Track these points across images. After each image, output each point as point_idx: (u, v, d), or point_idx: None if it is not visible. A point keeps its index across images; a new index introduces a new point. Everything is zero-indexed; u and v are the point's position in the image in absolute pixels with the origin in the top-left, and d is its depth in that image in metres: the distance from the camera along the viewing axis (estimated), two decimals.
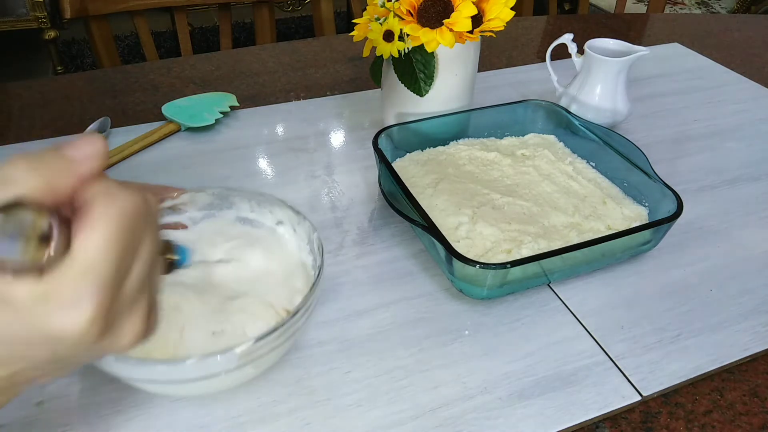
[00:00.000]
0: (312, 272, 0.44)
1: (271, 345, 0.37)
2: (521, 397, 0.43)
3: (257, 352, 0.37)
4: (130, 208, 0.25)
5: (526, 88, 0.85)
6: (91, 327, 0.23)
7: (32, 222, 0.22)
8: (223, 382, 0.39)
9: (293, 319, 0.37)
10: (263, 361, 0.39)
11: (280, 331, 0.37)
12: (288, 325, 0.37)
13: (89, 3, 0.99)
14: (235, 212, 0.48)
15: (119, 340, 0.26)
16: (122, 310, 0.25)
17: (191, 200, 0.47)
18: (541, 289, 0.52)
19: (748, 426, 0.43)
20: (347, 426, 0.41)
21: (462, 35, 0.57)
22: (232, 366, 0.36)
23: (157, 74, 0.88)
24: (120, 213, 0.24)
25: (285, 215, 0.46)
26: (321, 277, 0.40)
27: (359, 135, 0.73)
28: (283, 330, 0.37)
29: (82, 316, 0.23)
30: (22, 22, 2.04)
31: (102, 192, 0.24)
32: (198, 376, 0.36)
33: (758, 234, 0.60)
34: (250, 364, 0.37)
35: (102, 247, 0.23)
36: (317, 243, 0.43)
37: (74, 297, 0.23)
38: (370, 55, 0.64)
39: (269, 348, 0.37)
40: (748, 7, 2.27)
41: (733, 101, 0.84)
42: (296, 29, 2.90)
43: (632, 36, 1.08)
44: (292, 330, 0.38)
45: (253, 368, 0.39)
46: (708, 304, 0.51)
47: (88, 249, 0.23)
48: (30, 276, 0.22)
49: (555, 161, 0.63)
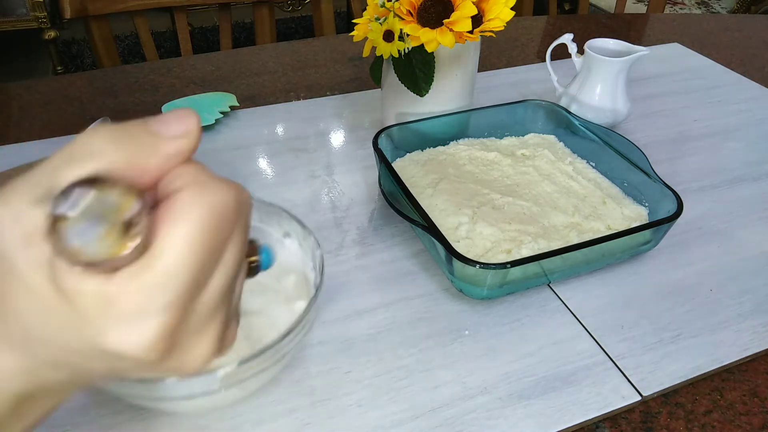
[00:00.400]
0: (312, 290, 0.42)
1: (257, 368, 0.35)
2: (521, 397, 0.43)
3: (242, 375, 0.35)
4: (223, 203, 0.21)
5: (526, 88, 0.85)
6: (154, 348, 0.20)
7: (117, 204, 0.18)
8: (207, 403, 0.38)
9: (281, 343, 0.35)
10: (250, 384, 0.37)
11: (267, 355, 0.34)
12: (276, 348, 0.35)
13: (89, 3, 0.99)
14: None
15: (186, 361, 0.22)
16: (195, 328, 0.21)
17: None
18: (541, 289, 0.52)
19: (748, 426, 0.43)
20: (347, 426, 0.41)
21: (462, 35, 0.57)
22: (213, 388, 0.34)
23: (157, 74, 0.88)
24: (211, 210, 0.20)
25: (292, 228, 0.46)
26: (318, 295, 0.39)
27: (359, 135, 0.73)
28: (271, 353, 0.35)
29: (146, 333, 0.19)
30: (22, 22, 2.05)
31: (192, 181, 0.20)
32: (180, 396, 0.35)
33: (758, 234, 0.60)
34: (236, 386, 0.36)
35: (185, 252, 0.19)
36: (319, 261, 0.41)
37: (142, 309, 0.19)
38: (370, 55, 0.64)
39: (256, 371, 0.35)
40: (748, 7, 2.27)
41: (733, 101, 0.84)
42: (296, 29, 2.90)
43: (632, 36, 1.08)
44: (282, 353, 0.36)
45: (240, 390, 0.37)
46: (708, 304, 0.51)
47: (170, 251, 0.19)
48: (102, 271, 0.18)
49: (555, 161, 0.63)
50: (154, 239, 0.19)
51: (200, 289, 0.21)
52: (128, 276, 0.19)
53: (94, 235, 0.17)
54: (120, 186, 0.18)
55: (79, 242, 0.17)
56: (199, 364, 0.22)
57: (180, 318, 0.20)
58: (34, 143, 0.70)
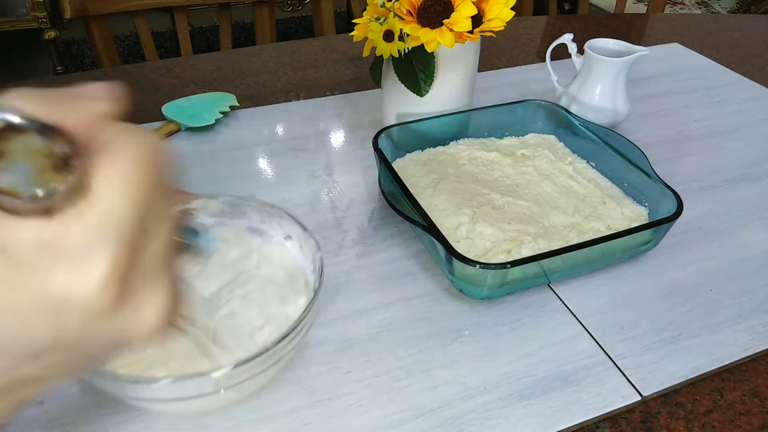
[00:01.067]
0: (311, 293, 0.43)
1: (254, 370, 0.35)
2: (521, 397, 0.43)
3: (238, 378, 0.35)
4: (157, 152, 0.20)
5: (526, 88, 0.85)
6: (104, 288, 0.18)
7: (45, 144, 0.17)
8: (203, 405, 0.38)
9: (278, 346, 0.35)
10: (246, 386, 0.37)
11: (264, 357, 0.34)
12: (272, 351, 0.35)
13: (89, 3, 0.99)
14: (246, 222, 0.47)
15: (140, 316, 0.21)
16: (143, 279, 0.20)
17: (203, 206, 0.46)
18: (541, 289, 0.52)
19: (748, 426, 0.43)
20: (347, 426, 0.41)
21: (462, 35, 0.57)
22: (207, 390, 0.34)
23: (157, 74, 0.88)
24: (146, 154, 0.20)
25: (293, 230, 0.46)
26: (317, 299, 0.39)
27: (359, 135, 0.73)
28: (266, 356, 0.35)
29: (95, 271, 0.18)
30: (22, 22, 2.04)
31: (124, 130, 0.20)
32: (172, 398, 0.35)
33: (758, 234, 0.60)
34: (232, 389, 0.36)
35: (126, 188, 0.19)
36: (319, 264, 0.42)
37: (87, 247, 0.18)
38: (370, 55, 0.64)
39: (252, 373, 0.35)
40: (748, 7, 2.27)
41: (733, 101, 0.84)
42: (296, 29, 2.90)
43: (632, 36, 1.08)
44: (279, 355, 0.37)
45: (236, 392, 0.37)
46: (708, 304, 0.51)
47: (110, 187, 0.18)
48: (37, 214, 0.17)
49: (555, 161, 0.63)
50: (91, 179, 0.18)
51: (143, 235, 0.20)
52: (69, 216, 0.18)
53: (24, 173, 0.16)
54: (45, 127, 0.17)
55: (9, 180, 0.16)
56: (153, 318, 0.21)
57: (128, 257, 0.19)
58: None
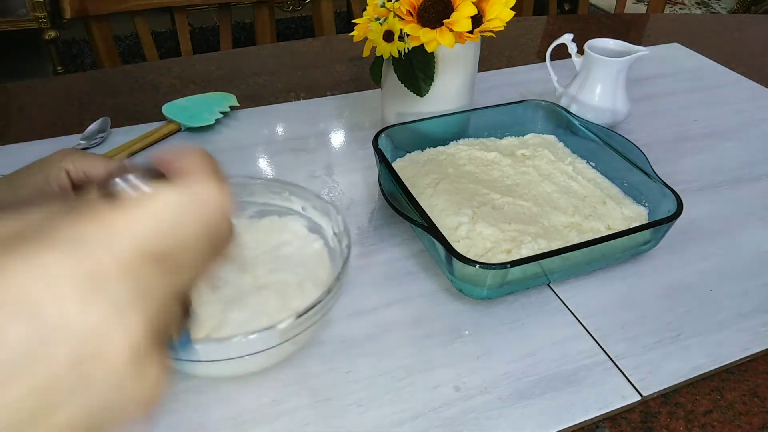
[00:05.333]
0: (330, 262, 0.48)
1: (304, 325, 0.39)
2: (521, 397, 0.43)
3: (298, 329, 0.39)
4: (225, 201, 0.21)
5: (526, 88, 0.85)
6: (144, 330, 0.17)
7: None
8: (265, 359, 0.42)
9: (329, 295, 0.40)
10: (300, 339, 0.41)
11: (319, 307, 0.39)
12: (325, 300, 0.40)
13: (89, 3, 0.99)
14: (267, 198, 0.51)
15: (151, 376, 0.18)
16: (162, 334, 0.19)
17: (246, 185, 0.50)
18: (541, 289, 0.52)
19: (748, 426, 0.43)
20: (347, 426, 0.41)
21: (462, 35, 0.57)
22: (273, 343, 0.38)
23: (157, 74, 0.88)
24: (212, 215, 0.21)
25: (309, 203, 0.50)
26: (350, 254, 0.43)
27: (359, 135, 0.73)
28: (320, 306, 0.39)
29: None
30: (22, 22, 2.04)
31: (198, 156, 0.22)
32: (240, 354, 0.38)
33: (758, 234, 0.60)
34: (290, 340, 0.40)
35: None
36: (343, 224, 0.46)
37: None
38: (370, 55, 0.64)
39: (308, 324, 0.40)
40: (748, 7, 2.27)
41: (733, 101, 0.84)
42: (296, 29, 2.90)
43: (632, 36, 1.08)
44: (327, 307, 0.41)
45: (292, 345, 0.42)
46: (708, 304, 0.51)
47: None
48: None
49: (555, 161, 0.63)
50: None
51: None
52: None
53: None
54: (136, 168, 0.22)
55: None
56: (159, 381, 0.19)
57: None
58: (34, 143, 0.70)
